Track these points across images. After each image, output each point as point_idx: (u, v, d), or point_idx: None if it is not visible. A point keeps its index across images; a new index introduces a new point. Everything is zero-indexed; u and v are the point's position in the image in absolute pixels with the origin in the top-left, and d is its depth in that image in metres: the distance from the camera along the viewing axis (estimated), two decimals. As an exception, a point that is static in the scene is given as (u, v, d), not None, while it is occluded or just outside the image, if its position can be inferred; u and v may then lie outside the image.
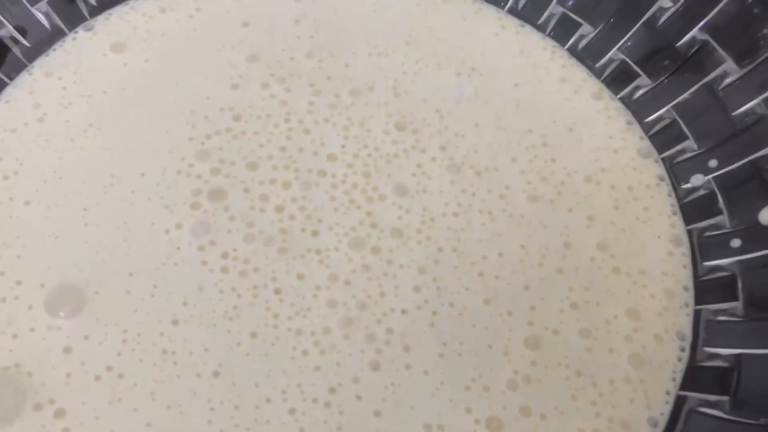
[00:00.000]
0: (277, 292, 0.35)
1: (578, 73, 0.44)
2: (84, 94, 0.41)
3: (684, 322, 0.36)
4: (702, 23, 0.40)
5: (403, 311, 0.35)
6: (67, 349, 0.34)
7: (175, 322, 0.35)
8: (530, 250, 0.37)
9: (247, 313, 0.35)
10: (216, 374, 0.34)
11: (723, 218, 0.38)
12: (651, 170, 0.41)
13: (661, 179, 0.41)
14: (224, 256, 0.36)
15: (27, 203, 0.38)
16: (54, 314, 0.35)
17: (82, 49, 0.43)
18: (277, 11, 0.45)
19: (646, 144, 0.42)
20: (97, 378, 0.33)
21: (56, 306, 0.35)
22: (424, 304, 0.35)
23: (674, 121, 0.41)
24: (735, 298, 0.36)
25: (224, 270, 0.36)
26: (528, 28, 0.45)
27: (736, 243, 0.37)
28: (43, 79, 0.42)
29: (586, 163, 0.40)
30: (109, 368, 0.34)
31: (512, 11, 0.46)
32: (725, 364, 0.34)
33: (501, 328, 0.35)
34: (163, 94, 0.41)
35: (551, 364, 0.34)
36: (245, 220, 0.37)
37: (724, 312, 0.36)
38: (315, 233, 0.37)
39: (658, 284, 0.37)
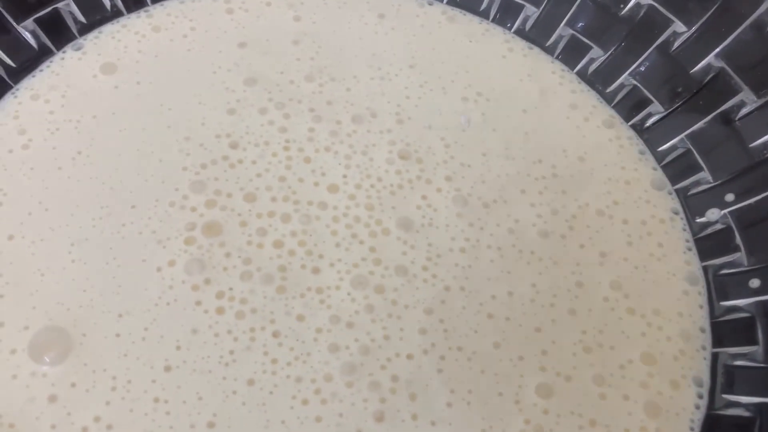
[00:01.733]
0: (275, 335, 0.33)
1: (588, 99, 0.41)
2: (72, 119, 0.38)
3: (701, 367, 0.34)
4: (718, 50, 0.38)
5: (409, 356, 0.33)
6: (53, 398, 0.31)
7: (167, 368, 0.32)
8: (541, 289, 0.35)
9: (243, 359, 0.32)
10: (211, 425, 0.31)
11: (740, 255, 0.36)
12: (665, 203, 0.38)
13: (675, 213, 0.38)
14: (219, 295, 0.34)
15: (10, 237, 0.35)
16: (38, 359, 0.32)
17: (71, 71, 0.40)
18: (275, 31, 0.42)
19: (660, 175, 0.39)
20: (84, 430, 0.31)
21: (41, 350, 0.32)
22: (430, 348, 0.33)
23: (688, 151, 0.39)
24: (755, 342, 0.33)
25: (220, 311, 0.33)
26: (536, 50, 0.43)
27: (755, 283, 0.35)
28: (29, 102, 0.39)
29: (598, 196, 0.38)
30: (97, 419, 0.31)
31: (519, 32, 0.43)
32: (746, 414, 0.32)
33: (512, 374, 0.33)
34: (156, 119, 0.38)
35: (564, 413, 0.32)
36: (242, 257, 0.35)
37: (743, 356, 0.34)
38: (316, 270, 0.35)
39: (674, 326, 0.34)
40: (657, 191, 0.39)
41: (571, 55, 0.42)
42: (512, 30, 0.43)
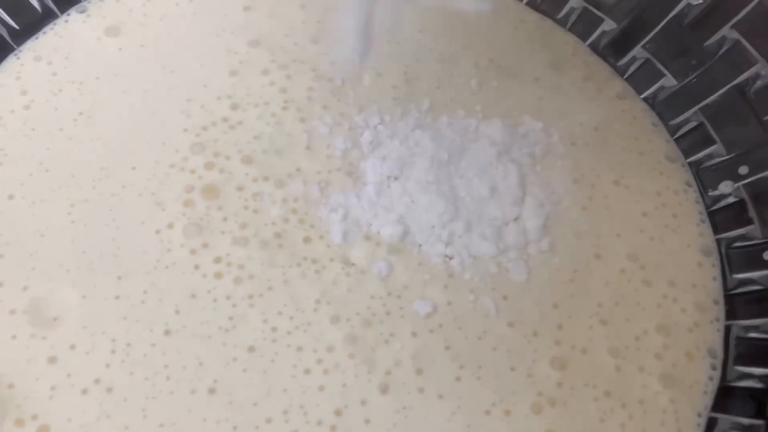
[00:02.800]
0: (273, 303, 0.32)
1: (601, 71, 0.40)
2: (75, 81, 0.37)
3: (715, 339, 0.33)
4: (733, 22, 0.36)
5: (413, 334, 0.31)
6: (52, 360, 0.30)
7: (167, 332, 0.31)
8: (562, 264, 0.34)
9: (243, 325, 0.31)
10: (212, 391, 0.30)
11: (754, 228, 0.35)
12: (678, 175, 0.37)
13: (689, 185, 0.37)
14: (217, 260, 0.33)
15: (11, 197, 0.34)
16: (37, 321, 0.31)
17: (75, 33, 0.39)
18: (282, -5, 0.41)
19: (673, 147, 0.38)
20: (84, 392, 0.30)
21: (40, 311, 0.31)
22: (437, 328, 0.32)
23: (701, 124, 0.38)
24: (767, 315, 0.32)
25: (218, 276, 0.32)
26: (548, 22, 0.42)
27: (768, 256, 0.34)
28: (31, 63, 0.37)
29: (614, 165, 0.37)
30: (97, 381, 0.30)
31: (531, 4, 0.42)
32: (759, 385, 0.31)
33: (525, 349, 0.32)
34: (159, 81, 0.37)
35: (578, 386, 0.31)
36: (238, 221, 0.33)
37: (755, 329, 0.33)
38: (307, 240, 0.33)
39: (689, 297, 0.33)
40: (671, 163, 0.37)
41: (583, 27, 0.41)
42: (524, 1, 0.42)
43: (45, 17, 0.39)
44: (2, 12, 0.37)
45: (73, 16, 0.39)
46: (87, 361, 0.30)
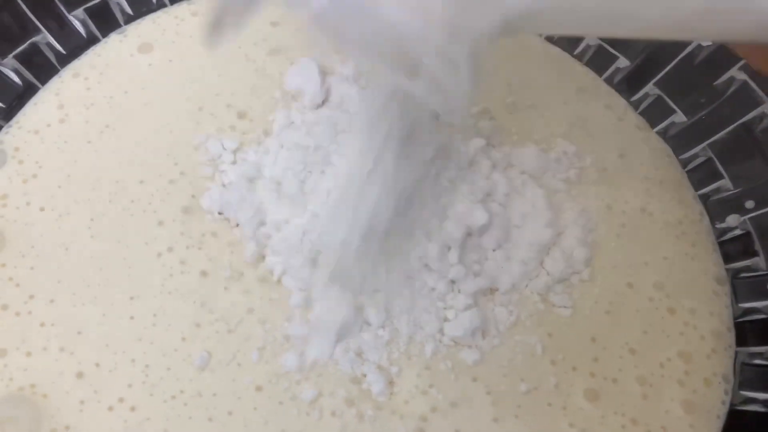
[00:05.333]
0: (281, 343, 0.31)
1: (620, 101, 0.40)
2: (106, 95, 0.37)
3: (728, 365, 0.33)
4: (741, 63, 0.37)
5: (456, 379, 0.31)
6: (80, 375, 0.30)
7: (179, 357, 0.31)
8: (600, 296, 0.34)
9: (249, 365, 0.31)
10: (230, 413, 0.30)
11: (759, 260, 0.36)
12: (694, 206, 0.38)
13: (702, 215, 0.38)
14: (219, 289, 0.32)
15: (42, 209, 0.33)
16: (64, 334, 0.30)
17: (111, 51, 0.39)
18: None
19: (685, 179, 0.39)
20: (110, 408, 0.29)
21: (65, 325, 0.31)
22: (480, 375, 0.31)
23: (710, 159, 0.39)
24: None
25: (211, 312, 0.32)
26: (566, 56, 0.42)
27: (772, 286, 0.35)
28: (70, 80, 0.38)
29: (639, 193, 0.37)
30: (121, 399, 0.30)
31: (549, 40, 0.43)
32: (761, 410, 0.32)
33: (563, 383, 0.32)
34: (179, 93, 0.37)
35: (608, 414, 0.31)
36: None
37: (759, 356, 0.34)
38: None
39: (707, 325, 0.34)
40: (686, 192, 0.38)
41: (598, 63, 0.42)
42: (542, 36, 0.43)
43: (89, 42, 0.39)
44: (50, 38, 0.38)
45: (112, 37, 0.39)
46: (111, 379, 0.30)
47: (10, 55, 0.37)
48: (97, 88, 0.37)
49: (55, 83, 0.37)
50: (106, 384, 0.30)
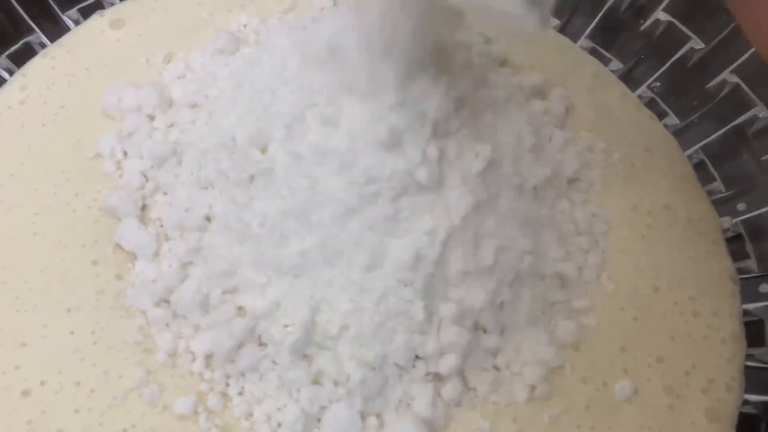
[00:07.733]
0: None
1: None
2: (68, 73, 0.33)
3: (742, 369, 0.32)
4: (733, 66, 0.37)
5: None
6: (26, 393, 0.26)
7: (126, 387, 0.27)
8: (625, 302, 0.31)
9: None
10: None
11: (750, 262, 0.35)
12: (707, 201, 0.36)
13: (714, 210, 0.36)
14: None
15: (-7, 202, 0.28)
16: (8, 343, 0.27)
17: (84, 29, 0.35)
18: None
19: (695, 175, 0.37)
20: None
21: (9, 334, 0.27)
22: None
23: (702, 161, 0.38)
24: (763, 344, 0.33)
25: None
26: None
27: (764, 288, 0.34)
28: (38, 60, 0.33)
29: (662, 191, 0.35)
30: (68, 423, 0.26)
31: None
32: (753, 411, 0.31)
33: (594, 401, 0.29)
34: (141, 68, 0.33)
35: (634, 428, 0.29)
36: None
37: (751, 357, 0.33)
38: None
39: (728, 327, 0.32)
40: (699, 188, 0.36)
41: (592, 66, 0.41)
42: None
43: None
44: (44, 38, 0.36)
45: (93, 17, 0.35)
46: (57, 400, 0.26)
47: (4, 55, 0.36)
48: (61, 66, 0.32)
49: (27, 66, 0.33)
50: (52, 405, 0.26)
